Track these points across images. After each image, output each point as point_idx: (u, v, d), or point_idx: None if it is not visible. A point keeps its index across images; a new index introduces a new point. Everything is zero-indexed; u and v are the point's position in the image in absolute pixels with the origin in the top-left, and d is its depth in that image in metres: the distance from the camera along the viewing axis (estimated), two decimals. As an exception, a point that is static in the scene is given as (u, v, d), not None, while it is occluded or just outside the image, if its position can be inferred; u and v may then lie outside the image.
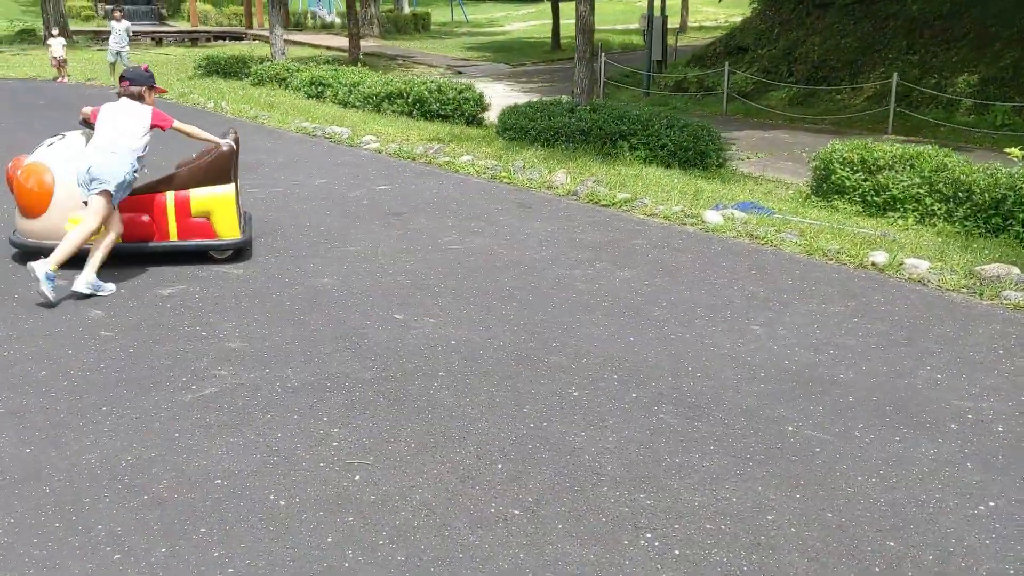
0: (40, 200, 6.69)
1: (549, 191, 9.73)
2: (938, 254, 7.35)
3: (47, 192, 6.69)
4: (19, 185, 6.75)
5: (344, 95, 16.89)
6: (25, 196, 6.72)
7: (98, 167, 6.13)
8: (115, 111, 6.39)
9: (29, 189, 6.70)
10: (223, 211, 6.86)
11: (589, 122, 12.41)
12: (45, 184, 6.69)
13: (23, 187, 6.72)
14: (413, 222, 8.27)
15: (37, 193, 6.69)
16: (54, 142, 7.00)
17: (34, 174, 6.72)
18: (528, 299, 6.18)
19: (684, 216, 8.42)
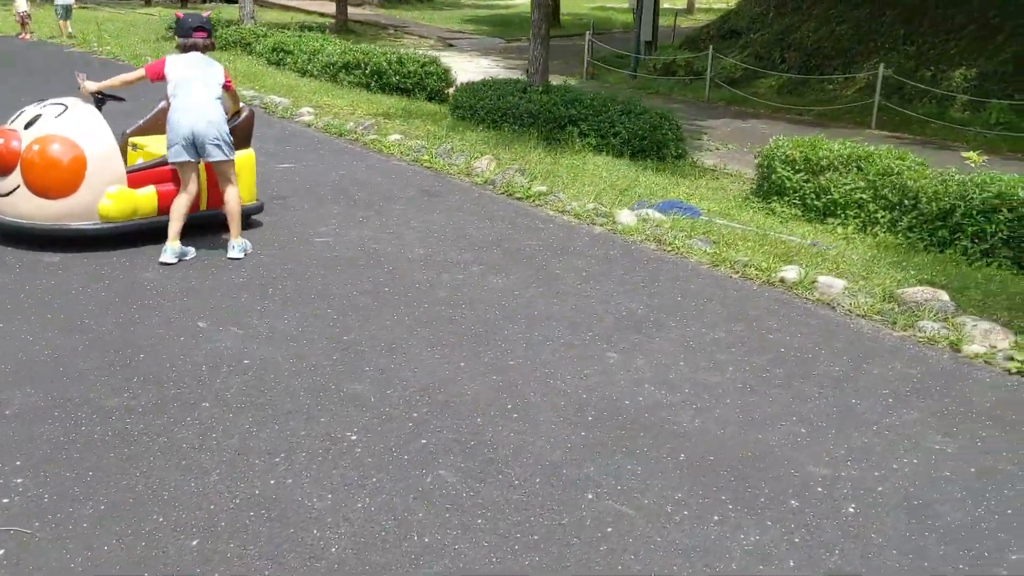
0: (69, 178, 5.86)
1: (467, 178, 8.87)
2: (863, 271, 6.46)
3: (78, 169, 5.87)
4: (32, 161, 5.82)
5: (303, 63, 16.03)
6: (43, 174, 5.83)
7: (217, 130, 5.83)
8: (194, 64, 5.91)
9: (50, 165, 5.82)
10: (246, 176, 6.60)
11: (538, 104, 11.50)
12: (74, 159, 5.86)
13: (38, 163, 5.82)
14: (294, 207, 7.45)
15: (63, 170, 5.84)
16: (48, 111, 6.04)
17: (56, 148, 5.84)
18: (370, 308, 5.36)
19: (595, 215, 7.55)
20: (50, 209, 5.93)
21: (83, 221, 6.01)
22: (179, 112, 5.81)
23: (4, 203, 6.02)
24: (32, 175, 5.86)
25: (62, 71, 14.85)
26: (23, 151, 5.89)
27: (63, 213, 5.96)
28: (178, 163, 5.94)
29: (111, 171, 6.04)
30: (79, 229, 6.02)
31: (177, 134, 5.82)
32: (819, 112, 16.75)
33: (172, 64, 5.93)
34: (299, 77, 15.67)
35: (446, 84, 15.27)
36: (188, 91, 5.84)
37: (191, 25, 6.01)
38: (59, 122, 5.98)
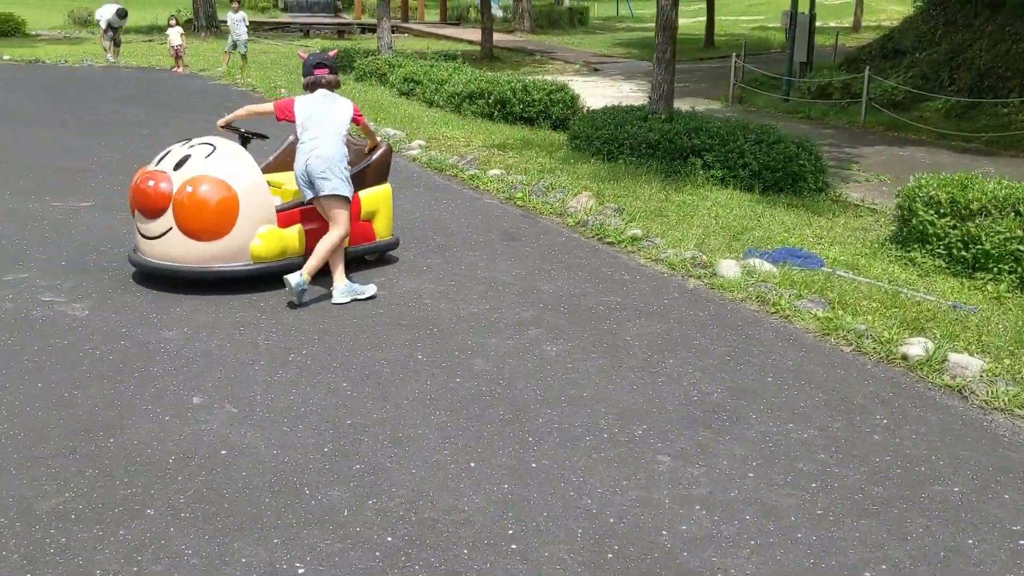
0: (222, 219, 5.68)
1: (559, 219, 8.00)
2: (1012, 345, 5.19)
3: (231, 209, 5.69)
4: (184, 203, 5.64)
5: (431, 93, 15.56)
6: (197, 215, 5.64)
7: (326, 164, 5.67)
8: (319, 102, 5.83)
9: (203, 206, 5.63)
10: (385, 210, 6.58)
11: (659, 133, 10.51)
12: (227, 200, 5.68)
13: (190, 204, 5.64)
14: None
15: (216, 211, 5.66)
16: (197, 151, 5.86)
17: (208, 189, 5.64)
18: (392, 382, 4.58)
19: (692, 265, 6.52)
20: (203, 251, 5.72)
21: (235, 263, 5.82)
22: (298, 152, 5.79)
23: (154, 246, 5.81)
24: (185, 217, 5.66)
25: (199, 103, 14.94)
26: (175, 193, 5.67)
27: (215, 255, 5.75)
28: (311, 201, 5.86)
29: (262, 211, 5.86)
30: (232, 270, 5.83)
31: (295, 172, 5.82)
32: (990, 139, 14.93)
33: (300, 105, 5.85)
34: (426, 108, 15.22)
35: (572, 112, 14.44)
36: (311, 130, 5.75)
37: (312, 63, 5.95)
38: (210, 162, 5.77)
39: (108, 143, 11.09)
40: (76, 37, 27.05)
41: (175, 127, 12.17)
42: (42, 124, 12.45)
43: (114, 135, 11.70)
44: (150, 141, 11.04)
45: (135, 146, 10.84)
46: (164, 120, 13.06)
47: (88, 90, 16.57)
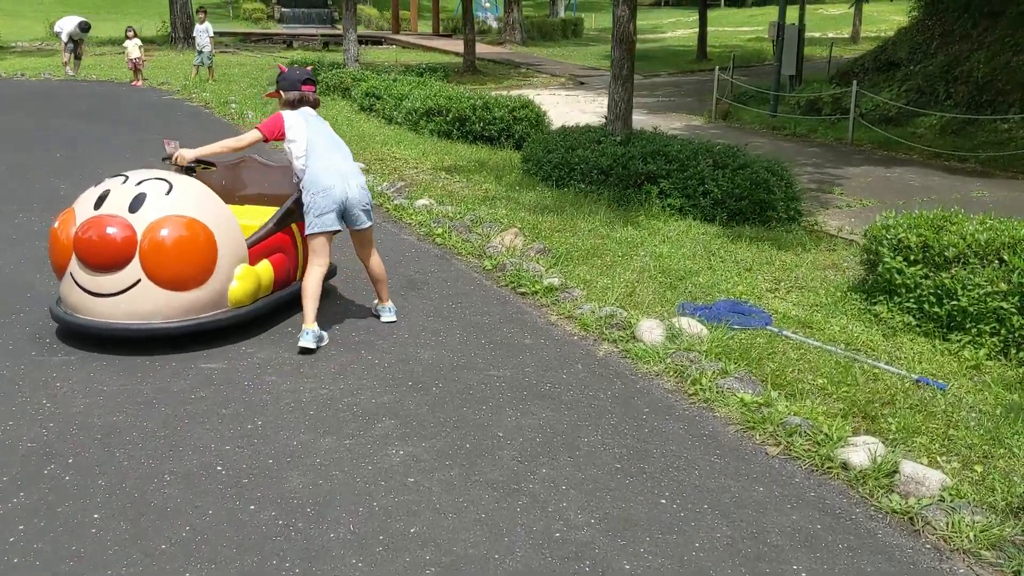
0: (203, 263, 4.99)
1: (476, 260, 6.87)
2: (985, 444, 4.04)
3: (211, 250, 5.01)
4: (158, 249, 4.86)
5: (390, 109, 14.47)
6: (175, 262, 4.90)
7: (365, 192, 5.31)
8: (314, 121, 5.32)
9: (181, 251, 4.91)
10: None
11: (611, 158, 9.39)
12: (207, 241, 5.00)
13: (167, 250, 4.88)
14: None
15: (198, 255, 4.96)
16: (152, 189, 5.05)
17: (185, 231, 4.94)
18: (163, 510, 3.46)
19: (608, 325, 5.39)
20: (180, 302, 4.96)
21: (215, 311, 5.11)
22: (327, 175, 5.14)
23: (111, 304, 4.92)
24: (159, 265, 4.87)
25: (147, 118, 13.89)
26: (141, 238, 4.86)
27: (195, 305, 5.02)
28: (324, 233, 5.19)
29: (237, 249, 5.19)
30: (214, 321, 5.09)
31: (331, 199, 5.13)
32: (987, 158, 13.73)
33: (293, 122, 5.23)
34: (384, 125, 14.13)
35: (539, 131, 13.33)
36: (325, 149, 5.22)
37: (299, 78, 5.40)
38: (175, 200, 5.02)
39: (27, 164, 10.03)
40: (51, 49, 26.04)
41: (110, 145, 11.11)
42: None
43: (38, 153, 10.64)
44: (69, 164, 9.98)
45: (51, 166, 9.78)
46: (101, 136, 12.00)
47: (37, 104, 15.54)
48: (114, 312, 4.92)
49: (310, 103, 5.38)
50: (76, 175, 9.56)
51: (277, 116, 5.26)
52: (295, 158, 5.22)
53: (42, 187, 9.02)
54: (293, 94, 5.35)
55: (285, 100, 5.35)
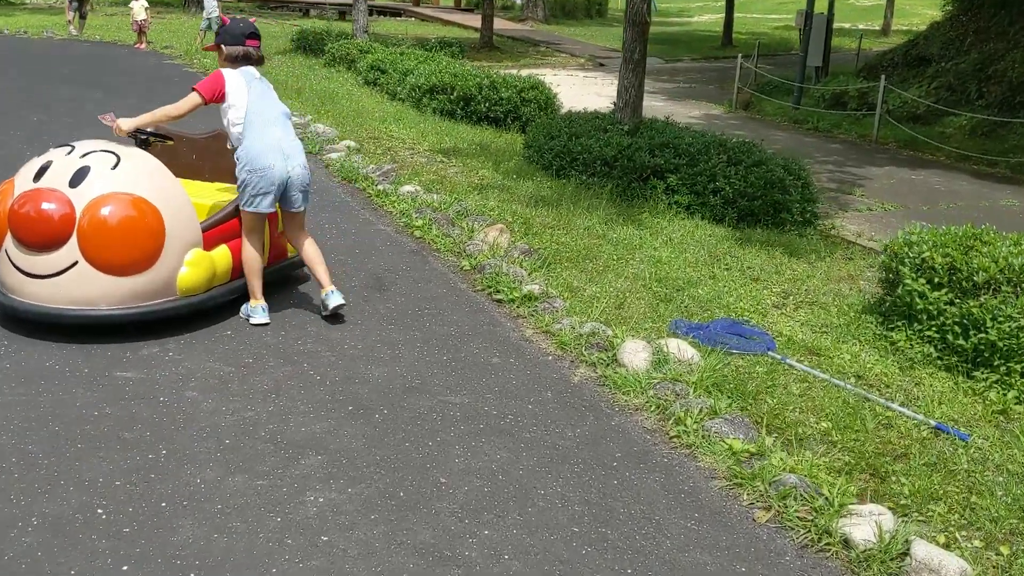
0: (148, 246, 4.46)
1: (454, 259, 6.23)
2: (1016, 516, 3.39)
3: (158, 233, 4.48)
4: (98, 229, 4.34)
5: (394, 85, 13.79)
6: (117, 243, 4.38)
7: (307, 171, 4.88)
8: (257, 83, 4.75)
9: (126, 232, 4.39)
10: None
11: (616, 148, 8.70)
12: (152, 222, 4.47)
13: (107, 231, 4.36)
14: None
15: (141, 237, 4.43)
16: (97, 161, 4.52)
17: (129, 210, 4.40)
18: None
19: (588, 345, 4.74)
20: (121, 288, 4.45)
21: (161, 299, 4.59)
22: (268, 153, 4.64)
23: (46, 286, 4.43)
24: (98, 247, 4.36)
25: (141, 84, 13.27)
26: (80, 216, 4.35)
27: (137, 291, 4.50)
28: (260, 214, 4.73)
29: (189, 232, 4.66)
30: (160, 309, 4.58)
31: (268, 180, 4.66)
32: (1018, 163, 12.94)
33: (233, 82, 4.67)
34: (387, 101, 13.45)
35: (547, 113, 12.63)
36: (266, 122, 4.68)
37: (243, 31, 4.80)
38: (120, 175, 4.49)
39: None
40: (60, 8, 25.44)
41: (89, 110, 10.51)
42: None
43: (12, 116, 10.04)
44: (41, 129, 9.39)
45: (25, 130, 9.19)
46: (85, 100, 11.38)
47: (28, 64, 14.95)
48: (49, 295, 4.43)
49: (254, 61, 4.82)
50: (45, 141, 8.95)
51: (217, 75, 4.69)
52: (232, 125, 4.70)
53: (6, 153, 8.43)
54: (236, 49, 4.79)
55: (226, 56, 4.79)
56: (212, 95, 4.64)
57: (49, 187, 4.42)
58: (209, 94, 4.64)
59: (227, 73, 4.67)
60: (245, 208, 4.71)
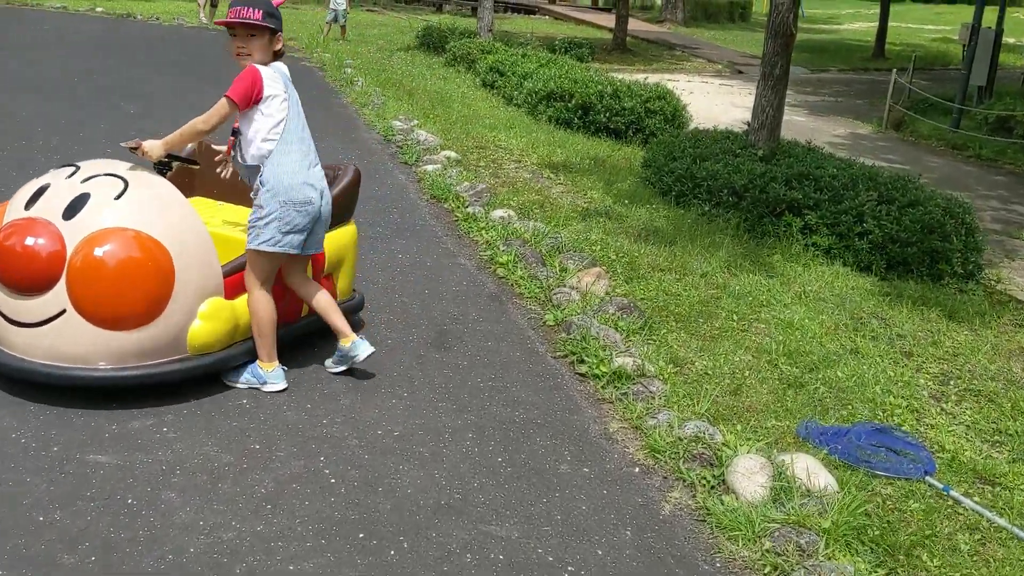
0: (151, 295, 3.58)
1: (538, 308, 5.18)
2: None
3: (165, 279, 3.61)
4: (90, 272, 3.52)
5: (511, 88, 12.83)
6: (111, 291, 3.53)
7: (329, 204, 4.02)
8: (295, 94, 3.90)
9: (121, 277, 3.53)
10: (351, 258, 4.55)
11: (747, 176, 7.49)
12: (158, 266, 3.59)
13: (101, 275, 3.52)
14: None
15: (143, 284, 3.56)
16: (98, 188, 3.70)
17: (128, 249, 3.55)
18: None
19: (690, 455, 3.61)
20: (116, 344, 3.59)
21: (165, 358, 3.71)
22: (308, 183, 3.83)
23: (31, 337, 3.61)
24: (90, 294, 3.53)
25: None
26: (71, 255, 3.53)
27: (137, 348, 3.63)
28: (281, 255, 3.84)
29: (206, 277, 3.78)
30: (162, 372, 3.70)
31: (307, 216, 3.83)
32: None
33: (272, 84, 3.76)
34: (502, 106, 12.51)
35: (675, 126, 11.45)
36: (303, 140, 3.86)
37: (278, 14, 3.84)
38: (123, 206, 3.65)
39: (85, 118, 8.94)
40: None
41: (193, 103, 9.95)
42: (44, 91, 10.45)
43: (109, 106, 9.55)
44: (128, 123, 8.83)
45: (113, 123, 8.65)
46: (190, 92, 10.86)
47: (146, 52, 14.67)
48: (31, 347, 3.62)
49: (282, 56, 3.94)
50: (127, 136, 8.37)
51: (252, 74, 3.74)
52: (261, 140, 3.77)
53: (84, 148, 7.85)
54: (282, 43, 3.88)
55: (271, 51, 3.84)
56: (248, 101, 3.74)
57: (39, 217, 3.62)
58: (245, 101, 3.73)
59: (264, 72, 3.75)
60: (265, 247, 3.78)
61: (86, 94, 10.38)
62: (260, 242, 3.77)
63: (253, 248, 3.78)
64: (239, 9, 3.68)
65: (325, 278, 4.39)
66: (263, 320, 3.83)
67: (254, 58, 3.75)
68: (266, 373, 3.88)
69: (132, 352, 3.63)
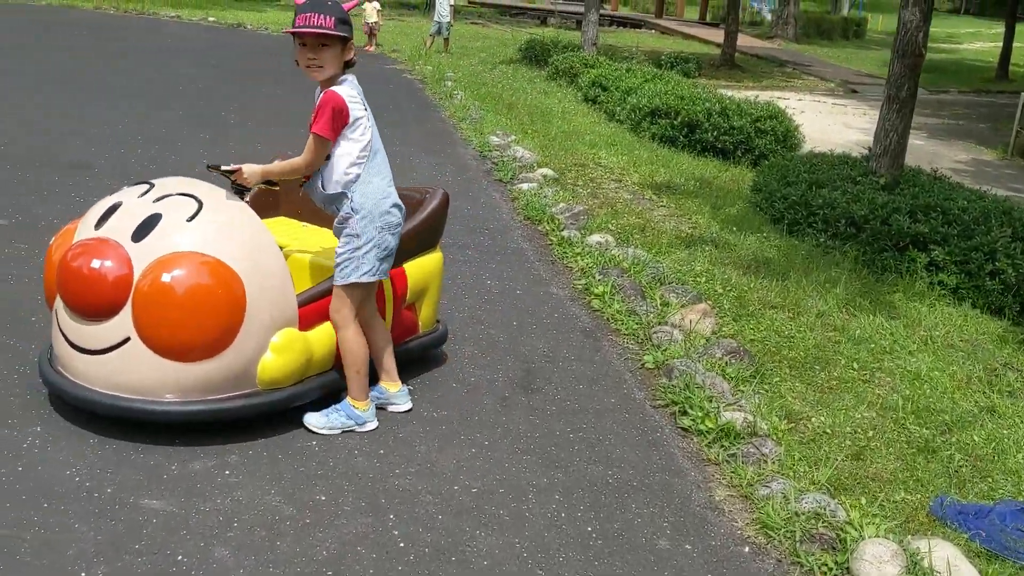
0: (221, 325, 3.31)
1: (635, 347, 4.75)
2: None
3: (236, 308, 3.32)
4: (158, 299, 3.24)
5: (614, 104, 12.42)
6: (180, 320, 3.25)
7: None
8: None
9: (190, 305, 3.24)
10: (434, 288, 4.21)
11: (868, 207, 6.92)
12: (230, 295, 3.31)
13: (168, 302, 3.23)
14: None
15: (213, 313, 3.29)
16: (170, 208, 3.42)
17: (198, 276, 3.26)
18: None
19: (808, 535, 3.14)
20: (181, 376, 3.32)
21: (232, 392, 3.42)
22: (392, 197, 3.55)
23: (92, 365, 3.36)
24: (156, 322, 3.26)
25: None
26: (138, 280, 3.27)
27: (203, 382, 3.36)
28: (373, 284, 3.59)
29: (280, 306, 3.47)
30: (229, 408, 3.42)
31: (397, 236, 3.59)
32: None
33: (354, 103, 3.43)
34: (603, 122, 12.10)
35: (787, 147, 10.87)
36: (384, 157, 3.56)
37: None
38: (196, 229, 3.37)
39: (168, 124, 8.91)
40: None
41: (290, 114, 9.87)
42: (147, 99, 10.51)
43: (208, 118, 9.52)
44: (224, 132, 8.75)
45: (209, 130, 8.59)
46: (287, 102, 10.80)
47: (251, 61, 14.78)
48: (93, 376, 3.38)
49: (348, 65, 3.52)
50: (224, 149, 8.28)
51: (334, 101, 3.37)
52: (347, 164, 3.44)
53: (181, 159, 7.76)
54: (354, 52, 3.51)
55: (342, 61, 3.44)
56: (339, 132, 3.41)
57: (108, 238, 3.37)
58: (335, 133, 3.40)
59: (344, 94, 3.42)
60: (365, 278, 3.48)
61: (189, 103, 10.40)
62: (361, 274, 3.46)
63: (352, 282, 3.47)
64: (309, 16, 3.32)
65: (407, 308, 4.07)
66: (360, 357, 3.53)
67: (325, 71, 3.41)
68: (363, 412, 3.58)
69: (198, 385, 3.36)
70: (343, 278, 3.49)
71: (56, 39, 14.84)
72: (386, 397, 3.73)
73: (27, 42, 14.31)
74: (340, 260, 3.50)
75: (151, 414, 3.35)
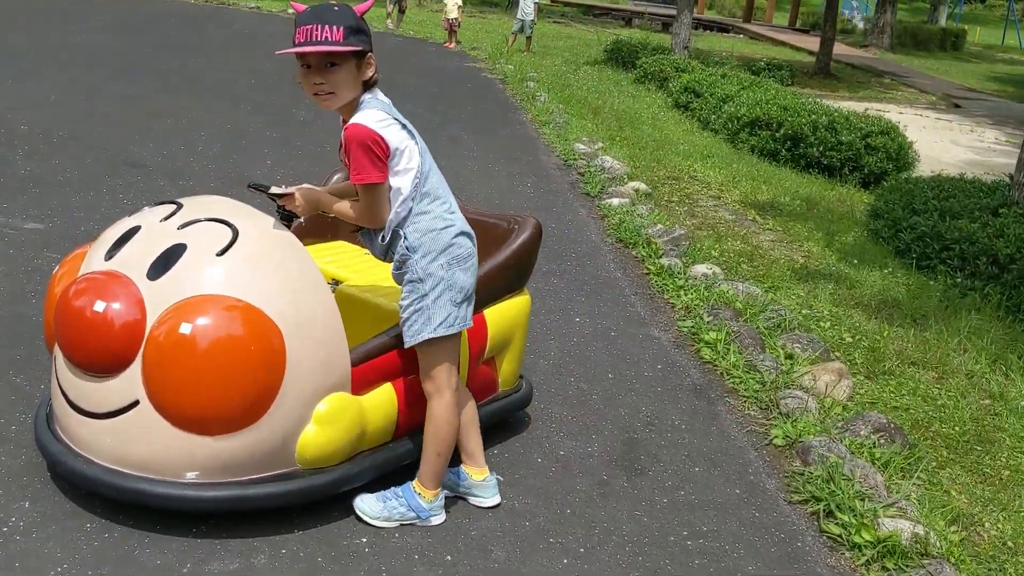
0: (253, 390, 2.55)
1: (759, 416, 3.90)
2: None
3: (274, 368, 2.57)
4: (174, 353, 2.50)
5: (708, 112, 11.50)
6: (201, 382, 2.50)
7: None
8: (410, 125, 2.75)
9: (214, 365, 2.49)
10: (519, 338, 3.38)
11: (1014, 243, 5.95)
12: (265, 351, 2.55)
13: (188, 359, 2.48)
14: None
15: (243, 375, 2.52)
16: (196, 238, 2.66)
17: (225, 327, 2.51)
18: None
19: None
20: (202, 451, 2.58)
21: (266, 471, 2.68)
22: (459, 224, 2.76)
23: (96, 433, 2.64)
24: (172, 383, 2.52)
25: (425, 87, 11.96)
26: (152, 328, 2.54)
27: (227, 460, 2.61)
28: (457, 334, 2.78)
29: (328, 365, 2.70)
30: (262, 494, 2.67)
31: (472, 271, 2.78)
32: None
33: (395, 132, 2.64)
34: (696, 130, 11.21)
35: (900, 166, 9.87)
36: (442, 178, 2.78)
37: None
38: (228, 265, 2.61)
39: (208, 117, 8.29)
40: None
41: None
42: (216, 92, 9.96)
43: (276, 115, 8.90)
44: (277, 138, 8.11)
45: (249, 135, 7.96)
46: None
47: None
48: (96, 445, 2.66)
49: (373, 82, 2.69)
50: (293, 149, 7.63)
51: (366, 137, 2.57)
52: (401, 199, 2.69)
53: (244, 159, 7.13)
54: (375, 67, 2.65)
55: (361, 81, 2.62)
56: (386, 169, 2.64)
57: (119, 272, 2.64)
58: (383, 172, 2.63)
59: (373, 124, 2.59)
60: (442, 331, 2.71)
61: (259, 98, 9.80)
62: (435, 327, 2.69)
63: (425, 339, 2.70)
64: (311, 29, 2.50)
65: (485, 364, 3.28)
66: (447, 436, 2.78)
67: (339, 97, 2.59)
68: (430, 504, 2.81)
69: (222, 463, 2.62)
70: (413, 336, 2.72)
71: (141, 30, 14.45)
72: (467, 486, 2.95)
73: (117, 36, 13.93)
74: (407, 315, 2.73)
75: (162, 498, 2.63)
